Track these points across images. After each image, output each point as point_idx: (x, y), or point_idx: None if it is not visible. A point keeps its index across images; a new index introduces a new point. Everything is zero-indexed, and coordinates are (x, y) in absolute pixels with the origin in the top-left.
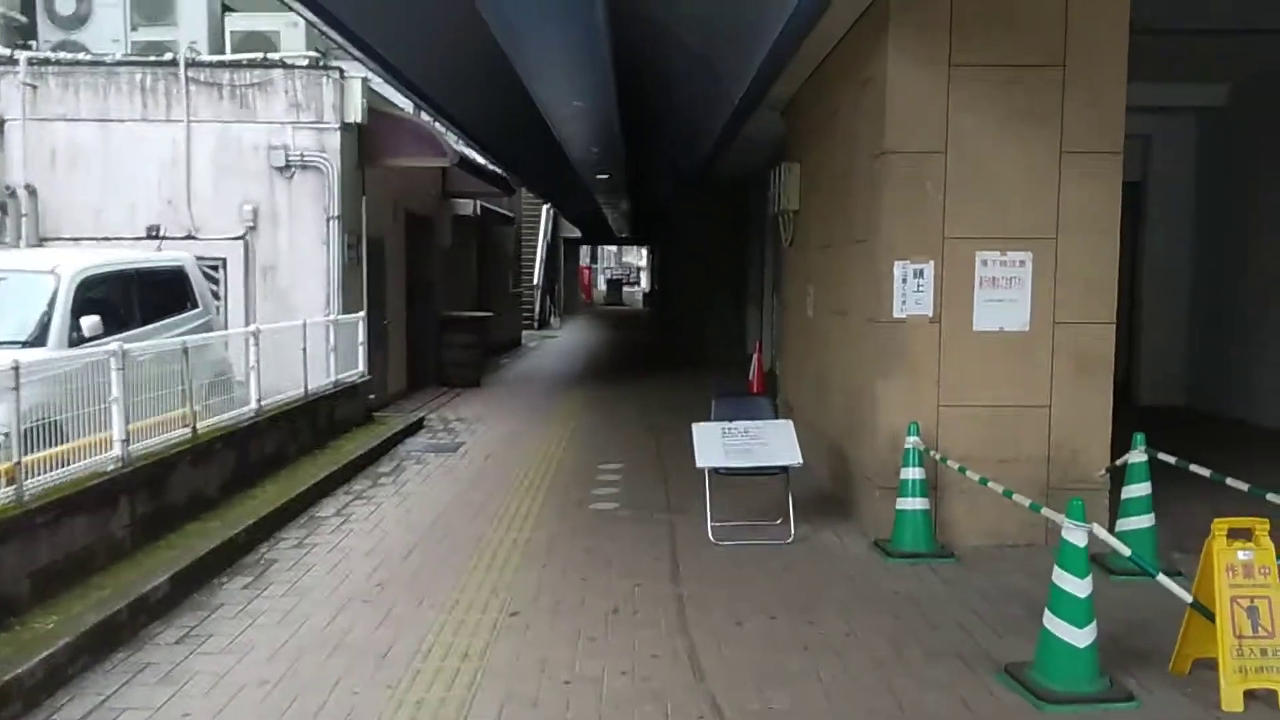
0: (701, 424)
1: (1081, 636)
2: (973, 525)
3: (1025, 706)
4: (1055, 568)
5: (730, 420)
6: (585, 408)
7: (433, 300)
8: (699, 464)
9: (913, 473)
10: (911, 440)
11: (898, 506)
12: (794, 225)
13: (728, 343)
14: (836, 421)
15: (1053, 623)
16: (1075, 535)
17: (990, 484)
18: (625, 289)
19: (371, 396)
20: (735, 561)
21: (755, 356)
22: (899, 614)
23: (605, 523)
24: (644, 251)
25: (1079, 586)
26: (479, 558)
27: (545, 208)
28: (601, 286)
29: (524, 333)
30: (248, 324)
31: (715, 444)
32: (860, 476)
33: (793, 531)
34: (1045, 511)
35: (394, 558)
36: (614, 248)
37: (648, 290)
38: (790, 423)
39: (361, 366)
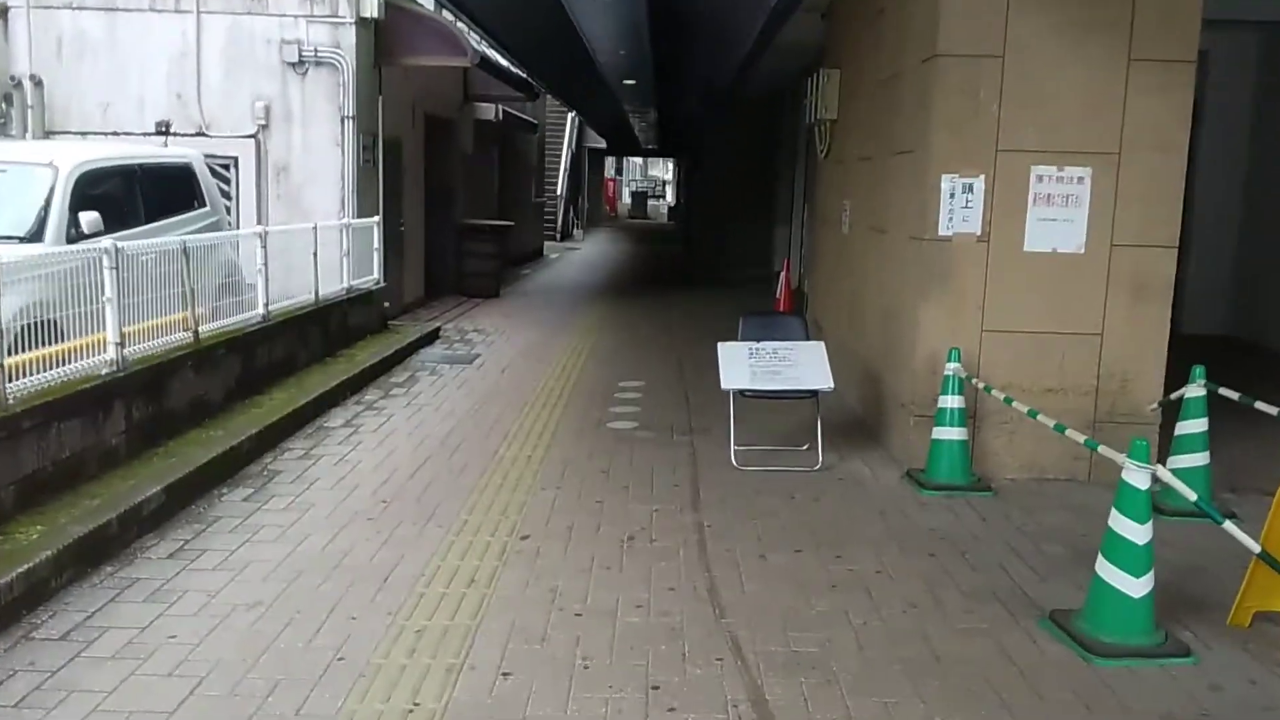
0: (727, 343)
1: (1138, 586)
2: (1010, 457)
3: (1072, 658)
4: (1113, 510)
5: (758, 340)
6: (606, 322)
7: (452, 207)
8: (724, 385)
9: (952, 401)
10: (952, 366)
11: (934, 436)
12: (830, 136)
13: (754, 259)
14: (870, 344)
15: (1106, 569)
16: (1137, 477)
17: (1040, 418)
18: (650, 202)
19: (386, 304)
20: (759, 488)
21: (782, 274)
22: (934, 551)
23: (623, 443)
24: (670, 164)
25: (1138, 533)
26: (490, 477)
27: (570, 116)
28: (626, 199)
29: (546, 244)
30: (259, 225)
31: (741, 364)
32: (894, 403)
33: (821, 458)
34: (1104, 450)
35: (402, 473)
36: (639, 160)
37: (673, 204)
38: (821, 344)
39: (376, 273)
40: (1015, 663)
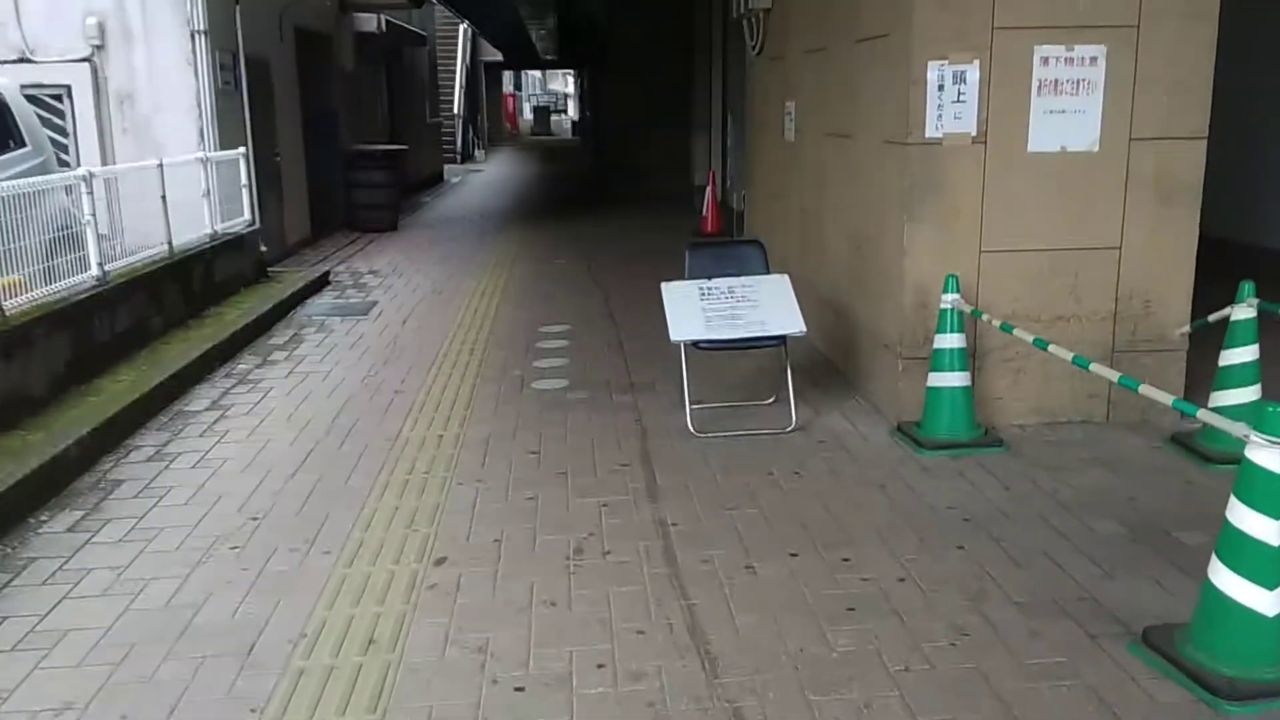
0: (673, 283)
1: (1271, 601)
2: (1016, 401)
3: (1193, 704)
4: (1232, 501)
5: (710, 276)
6: (519, 253)
7: (336, 132)
8: (673, 337)
9: (951, 340)
10: (950, 298)
11: (930, 383)
12: (764, 28)
13: (672, 171)
14: (834, 273)
15: (1226, 579)
16: (1268, 457)
17: (1094, 367)
18: (553, 118)
19: (264, 249)
20: (727, 463)
21: (708, 189)
22: (962, 540)
23: (554, 410)
24: (571, 78)
25: (1271, 531)
26: (392, 471)
27: (462, 27)
28: (528, 116)
29: (446, 168)
30: (105, 165)
31: (693, 309)
32: (873, 343)
33: (794, 416)
34: (1204, 415)
35: (279, 473)
36: (539, 74)
37: (577, 119)
38: (786, 278)
39: (248, 214)
40: (1120, 717)
